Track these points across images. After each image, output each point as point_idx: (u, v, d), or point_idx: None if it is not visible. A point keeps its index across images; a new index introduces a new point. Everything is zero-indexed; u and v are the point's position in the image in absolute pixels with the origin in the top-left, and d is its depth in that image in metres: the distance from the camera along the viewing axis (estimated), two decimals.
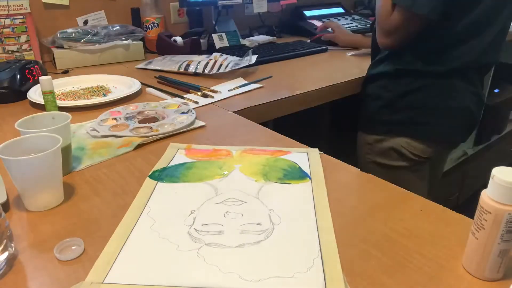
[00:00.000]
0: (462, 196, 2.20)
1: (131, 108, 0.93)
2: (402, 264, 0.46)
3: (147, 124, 0.84)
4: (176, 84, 1.13)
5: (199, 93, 1.05)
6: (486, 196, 0.42)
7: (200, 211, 0.55)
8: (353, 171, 0.67)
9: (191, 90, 1.08)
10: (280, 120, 1.05)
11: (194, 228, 0.52)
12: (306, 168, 0.66)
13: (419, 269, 0.45)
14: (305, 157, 0.70)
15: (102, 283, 0.43)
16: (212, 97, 1.04)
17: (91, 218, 0.55)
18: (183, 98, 1.03)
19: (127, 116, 0.89)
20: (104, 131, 0.81)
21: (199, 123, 0.86)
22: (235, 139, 0.78)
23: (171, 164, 0.68)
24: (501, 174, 0.40)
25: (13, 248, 0.48)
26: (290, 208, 0.56)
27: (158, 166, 0.67)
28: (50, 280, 0.44)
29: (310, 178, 0.64)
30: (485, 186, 0.42)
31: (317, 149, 0.73)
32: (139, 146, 0.75)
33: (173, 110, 0.91)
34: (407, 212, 0.55)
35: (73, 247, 0.49)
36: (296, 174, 0.65)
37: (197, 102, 0.99)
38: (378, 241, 0.50)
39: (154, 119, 0.86)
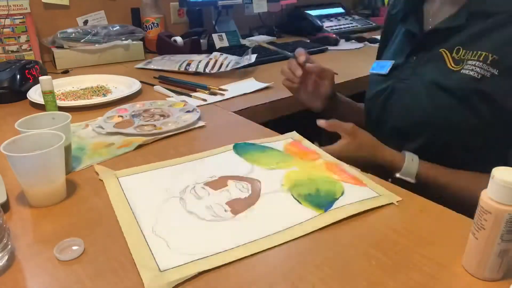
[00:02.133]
0: None
1: (138, 106, 0.94)
2: (402, 264, 0.46)
3: (151, 122, 0.84)
4: (182, 84, 1.14)
5: (206, 91, 1.06)
6: (486, 196, 0.41)
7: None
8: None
9: (197, 89, 1.08)
10: (280, 120, 1.05)
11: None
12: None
13: (419, 269, 0.45)
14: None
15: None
16: (223, 94, 1.05)
17: (91, 218, 0.55)
18: (190, 96, 1.03)
19: (133, 113, 0.89)
20: (109, 128, 0.81)
21: (199, 123, 0.86)
22: (234, 138, 0.78)
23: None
24: (501, 174, 0.40)
25: (13, 247, 0.48)
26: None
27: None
28: (49, 280, 0.45)
29: (325, 211, 0.55)
30: None
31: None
32: (140, 146, 0.75)
33: (179, 109, 0.91)
34: (407, 212, 0.55)
35: (73, 247, 0.49)
36: (320, 202, 0.58)
37: (205, 100, 1.00)
38: (378, 241, 0.50)
39: (159, 117, 0.87)
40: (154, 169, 0.66)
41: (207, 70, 1.23)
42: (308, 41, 1.70)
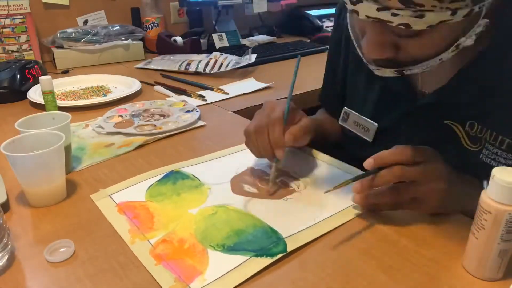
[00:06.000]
0: None
1: (138, 105, 0.94)
2: (402, 264, 0.46)
3: (151, 122, 0.84)
4: (186, 84, 1.14)
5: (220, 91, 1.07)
6: (486, 196, 0.41)
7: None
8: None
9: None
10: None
11: None
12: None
13: (419, 269, 0.45)
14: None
15: None
16: (227, 93, 1.05)
17: (91, 218, 0.55)
18: (190, 96, 1.03)
19: (133, 113, 0.89)
20: (109, 128, 0.81)
21: (199, 122, 0.86)
22: (234, 138, 0.78)
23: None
24: (501, 174, 0.40)
25: (13, 247, 0.48)
26: None
27: None
28: (49, 279, 0.45)
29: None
30: None
31: None
32: (140, 145, 0.75)
33: (178, 108, 0.91)
34: (407, 212, 0.55)
35: (61, 249, 0.49)
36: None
37: (205, 99, 1.00)
38: (378, 241, 0.50)
39: (159, 117, 0.87)
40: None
41: (207, 70, 1.23)
42: (308, 41, 1.70)
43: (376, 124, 0.69)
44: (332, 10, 2.03)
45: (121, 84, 1.12)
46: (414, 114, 0.64)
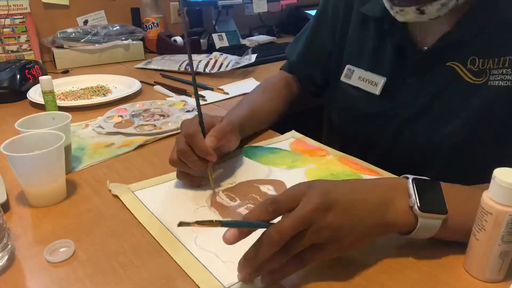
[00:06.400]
0: None
1: (138, 105, 0.94)
2: (402, 264, 0.46)
3: (151, 122, 0.84)
4: (186, 84, 1.14)
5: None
6: (487, 197, 0.41)
7: None
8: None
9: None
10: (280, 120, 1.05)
11: None
12: None
13: (419, 269, 0.45)
14: None
15: None
16: (227, 93, 1.06)
17: (91, 218, 0.55)
18: (190, 96, 1.03)
19: (133, 113, 0.89)
20: (109, 128, 0.81)
21: None
22: None
23: None
24: (502, 175, 0.40)
25: (13, 247, 0.48)
26: None
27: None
28: (49, 279, 0.45)
29: None
30: None
31: None
32: (140, 145, 0.75)
33: (178, 109, 0.91)
34: None
35: (61, 249, 0.49)
36: None
37: (205, 99, 1.00)
38: (378, 241, 0.50)
39: (159, 117, 0.87)
40: (167, 181, 0.63)
41: (207, 70, 1.23)
42: None
43: (385, 78, 0.72)
44: None
45: (121, 84, 1.12)
46: (419, 64, 0.67)
